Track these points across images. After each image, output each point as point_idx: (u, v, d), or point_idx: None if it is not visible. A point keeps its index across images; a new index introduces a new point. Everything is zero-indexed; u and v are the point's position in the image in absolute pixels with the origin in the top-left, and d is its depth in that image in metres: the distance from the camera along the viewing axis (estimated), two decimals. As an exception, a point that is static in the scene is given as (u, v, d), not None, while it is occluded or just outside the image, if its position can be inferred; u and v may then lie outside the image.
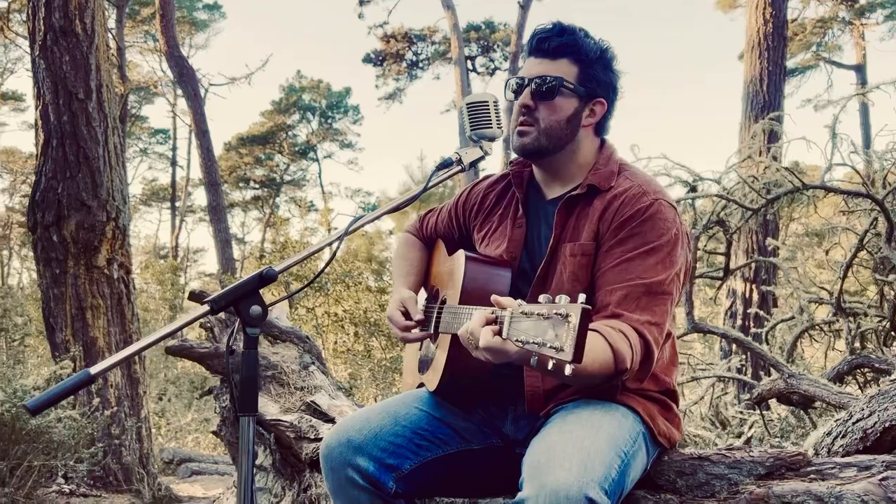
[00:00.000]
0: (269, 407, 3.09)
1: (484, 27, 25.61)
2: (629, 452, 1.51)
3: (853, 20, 21.45)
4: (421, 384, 1.89)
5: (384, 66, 26.11)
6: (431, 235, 2.08)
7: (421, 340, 1.85)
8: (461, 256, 1.76)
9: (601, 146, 1.78)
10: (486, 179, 1.95)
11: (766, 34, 8.37)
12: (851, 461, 1.57)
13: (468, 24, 25.10)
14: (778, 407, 4.16)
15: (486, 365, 1.38)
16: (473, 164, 1.69)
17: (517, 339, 1.18)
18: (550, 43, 1.69)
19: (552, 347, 1.11)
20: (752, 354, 4.36)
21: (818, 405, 3.54)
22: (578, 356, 1.10)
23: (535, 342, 1.14)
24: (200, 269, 32.43)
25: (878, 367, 3.79)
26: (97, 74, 5.69)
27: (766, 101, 8.23)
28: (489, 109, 1.70)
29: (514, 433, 1.76)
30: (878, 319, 4.29)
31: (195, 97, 15.67)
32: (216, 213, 16.40)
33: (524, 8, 19.10)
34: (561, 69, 1.68)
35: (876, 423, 1.87)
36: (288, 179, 32.47)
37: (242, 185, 31.92)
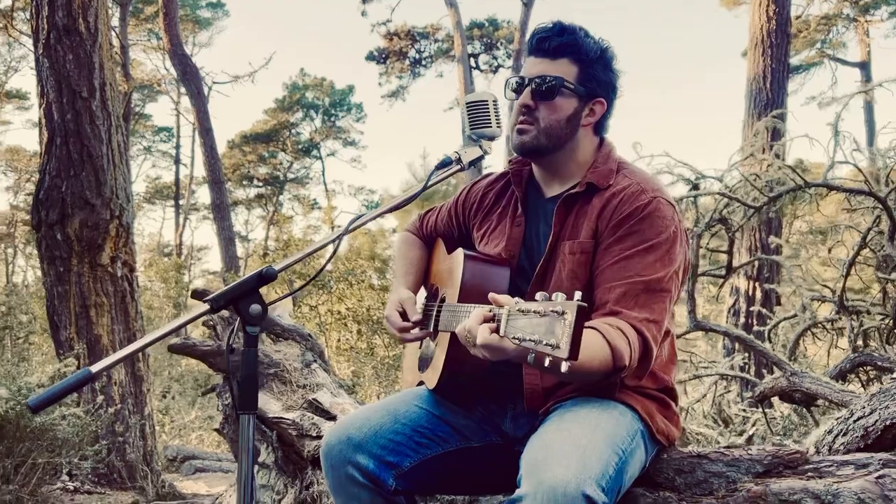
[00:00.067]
0: (271, 405, 3.09)
1: (487, 24, 25.57)
2: (627, 450, 1.51)
3: (857, 17, 21.37)
4: (421, 382, 1.90)
5: (387, 63, 26.09)
6: (431, 234, 2.09)
7: (419, 340, 1.86)
8: (460, 255, 1.76)
9: (600, 145, 1.79)
10: (485, 178, 1.96)
11: (769, 31, 8.35)
12: (849, 459, 1.57)
13: (471, 21, 25.07)
14: (781, 405, 4.16)
15: (484, 363, 1.39)
16: (473, 163, 1.70)
17: (514, 336, 1.19)
18: (551, 42, 1.70)
19: (548, 345, 1.12)
20: (754, 352, 4.36)
21: (821, 403, 3.54)
22: (574, 353, 1.10)
23: (531, 339, 1.15)
24: (204, 266, 32.52)
25: (880, 365, 3.79)
26: (100, 73, 5.71)
27: (769, 98, 8.22)
28: (489, 108, 1.71)
29: (513, 431, 1.77)
30: (880, 317, 4.29)
31: (198, 95, 15.70)
32: (220, 210, 16.46)
33: (527, 5, 19.09)
34: (561, 69, 1.69)
35: (877, 421, 1.86)
36: (291, 177, 32.50)
37: (246, 183, 31.95)
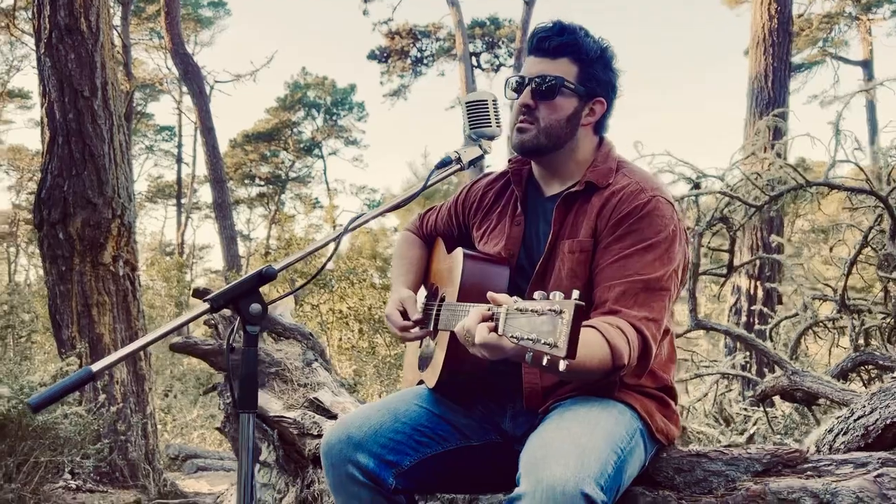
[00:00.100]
0: (272, 403, 3.10)
1: (488, 23, 25.55)
2: (626, 449, 1.52)
3: (860, 15, 21.33)
4: (421, 381, 1.90)
5: (389, 62, 26.08)
6: (431, 233, 2.09)
7: (419, 339, 1.86)
8: (459, 254, 1.77)
9: (600, 144, 1.79)
10: (485, 177, 1.96)
11: (771, 30, 8.34)
12: (848, 458, 1.57)
13: (473, 20, 25.07)
14: (782, 404, 4.16)
15: (484, 362, 1.39)
16: (473, 162, 1.70)
17: (512, 335, 1.19)
18: (551, 42, 1.70)
19: (546, 343, 1.12)
20: (755, 351, 4.35)
21: (822, 402, 3.54)
22: (572, 352, 1.10)
23: (529, 338, 1.15)
24: (206, 265, 32.55)
25: (882, 364, 3.79)
26: (102, 72, 5.71)
27: (770, 97, 8.21)
28: (488, 108, 1.71)
29: (513, 430, 1.77)
30: (882, 316, 4.28)
31: (200, 94, 15.73)
32: (222, 209, 16.47)
33: (529, 4, 19.06)
34: (561, 68, 1.69)
35: (877, 420, 1.86)
36: (293, 176, 32.51)
37: (248, 181, 31.96)
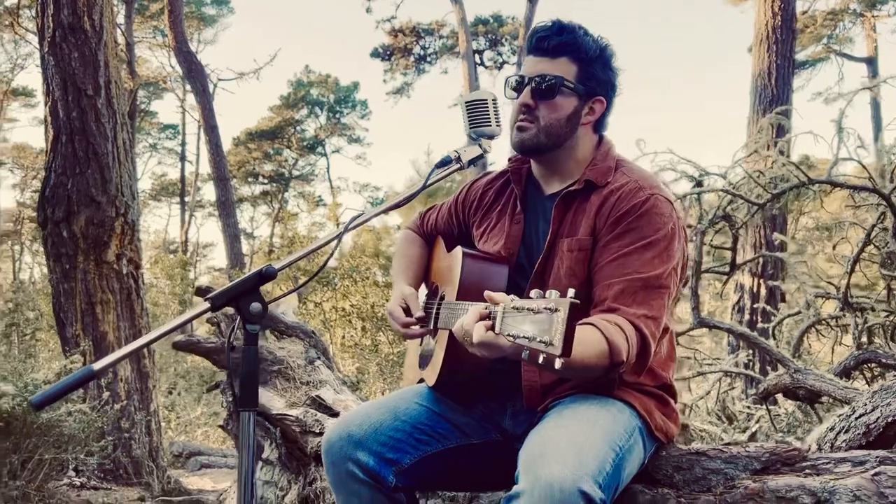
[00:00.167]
0: (274, 401, 3.11)
1: (492, 21, 25.53)
2: (624, 447, 1.52)
3: (864, 12, 21.24)
4: (421, 379, 1.91)
5: (392, 60, 26.07)
6: (432, 232, 2.09)
7: (421, 336, 1.87)
8: (459, 253, 1.77)
9: (599, 142, 1.79)
10: (485, 176, 1.96)
11: (774, 27, 8.32)
12: (846, 456, 1.57)
13: (476, 17, 25.05)
14: (785, 402, 4.15)
15: (483, 360, 1.39)
16: (473, 161, 1.70)
17: (509, 333, 1.20)
18: (550, 42, 1.70)
19: (541, 341, 1.13)
20: (758, 349, 4.35)
21: (825, 400, 3.54)
22: (567, 350, 1.11)
23: (525, 336, 1.16)
24: (210, 263, 32.63)
25: (885, 362, 3.79)
26: (106, 71, 5.73)
27: (774, 94, 8.19)
28: (488, 108, 1.71)
29: (512, 428, 1.78)
30: (885, 314, 4.27)
31: (204, 92, 15.75)
32: (225, 208, 16.51)
33: (532, 2, 19.03)
34: (560, 68, 1.70)
35: (878, 418, 1.86)
36: (296, 174, 32.54)
37: (251, 180, 32.01)
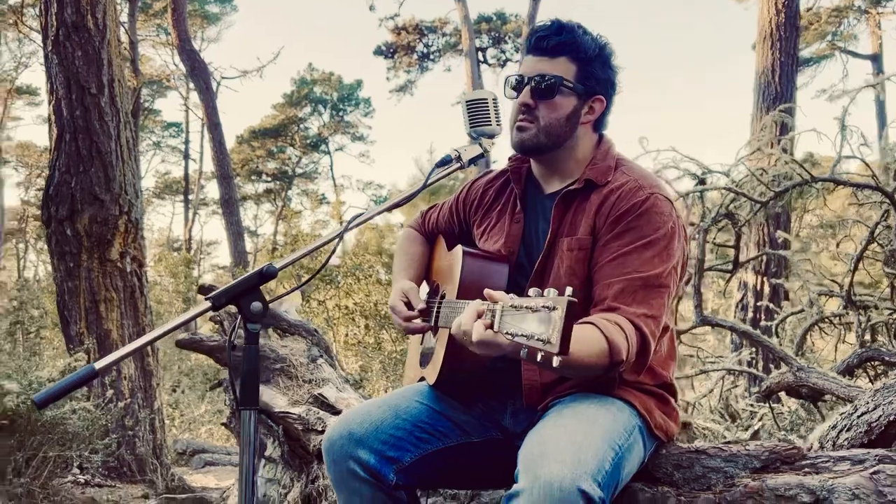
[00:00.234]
0: (277, 399, 3.12)
1: (495, 18, 25.49)
2: (624, 446, 1.52)
3: (869, 9, 21.13)
4: (422, 378, 1.92)
5: (395, 58, 26.05)
6: (433, 231, 2.10)
7: (422, 331, 1.87)
8: (459, 252, 1.78)
9: (599, 141, 1.80)
10: (485, 175, 1.97)
11: (778, 24, 8.28)
12: (846, 455, 1.58)
13: (479, 15, 25.03)
14: (788, 400, 4.15)
15: (483, 359, 1.40)
16: (473, 161, 1.70)
17: (507, 331, 1.21)
18: (549, 41, 1.70)
19: (539, 340, 1.14)
20: (761, 347, 4.34)
21: (828, 398, 3.53)
22: (564, 348, 1.12)
23: (524, 335, 1.17)
24: (213, 261, 32.70)
25: (888, 360, 3.78)
26: (109, 69, 5.74)
27: (777, 92, 8.15)
28: (488, 107, 1.71)
29: (513, 426, 1.78)
30: (888, 312, 4.26)
31: (207, 90, 15.77)
32: (229, 206, 16.53)
33: (535, -1, 18.99)
34: (560, 68, 1.70)
35: (880, 416, 1.86)
36: (300, 172, 32.58)
37: (255, 177, 32.06)
